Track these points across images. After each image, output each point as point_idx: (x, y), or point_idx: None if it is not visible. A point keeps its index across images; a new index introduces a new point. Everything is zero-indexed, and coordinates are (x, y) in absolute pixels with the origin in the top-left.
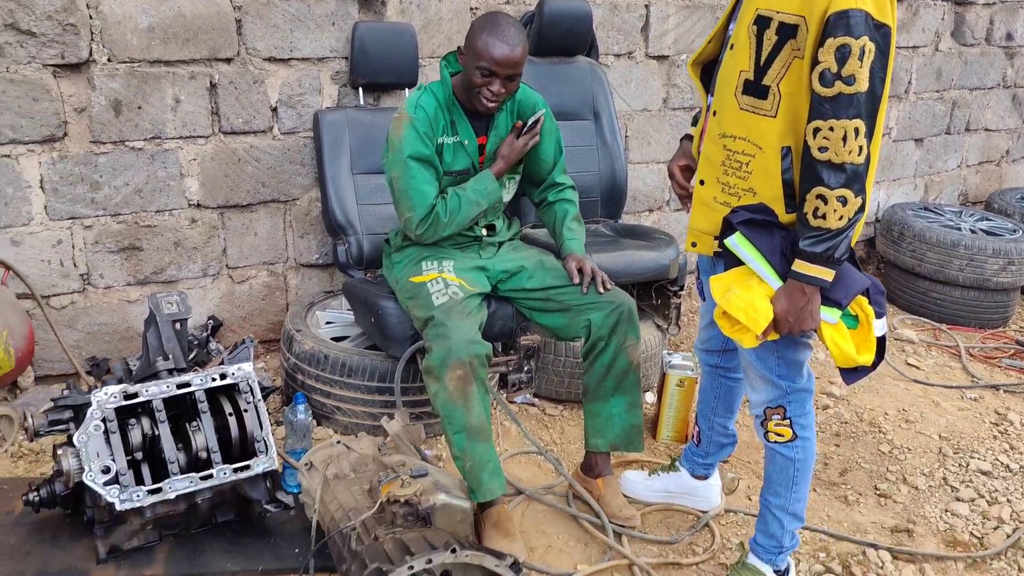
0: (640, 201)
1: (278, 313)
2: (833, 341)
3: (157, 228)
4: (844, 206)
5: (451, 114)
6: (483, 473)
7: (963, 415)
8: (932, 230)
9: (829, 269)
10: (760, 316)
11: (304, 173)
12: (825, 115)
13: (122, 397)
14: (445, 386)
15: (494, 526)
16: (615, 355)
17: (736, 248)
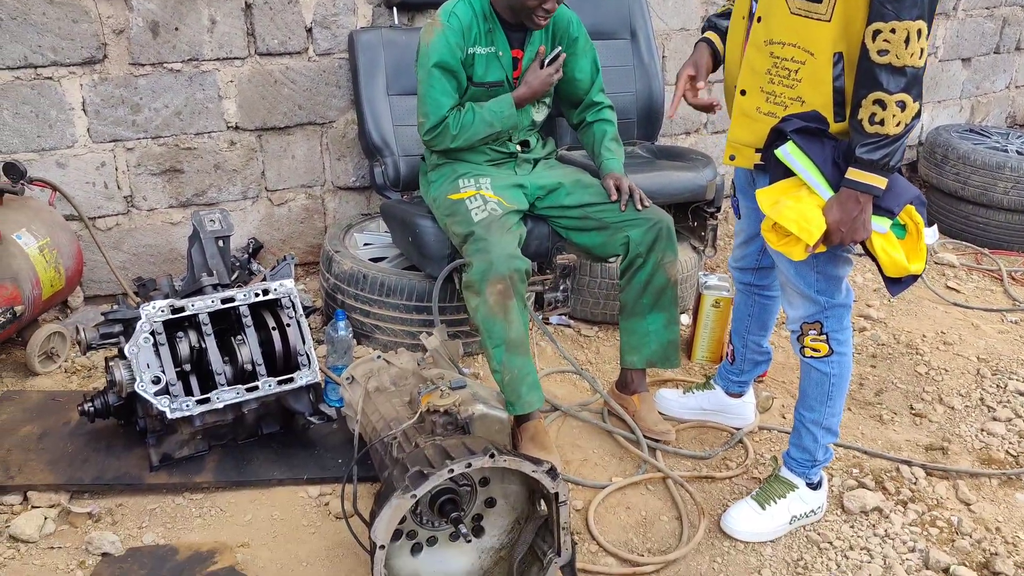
0: (677, 124)
1: (316, 236)
2: (884, 250)
3: (197, 151)
4: (903, 111)
5: (488, 24)
6: (522, 386)
7: (1003, 337)
8: (977, 152)
9: (883, 177)
10: (813, 227)
11: (340, 95)
12: (887, 16)
13: (169, 311)
14: (486, 300)
15: (531, 439)
16: (653, 271)
17: (788, 158)
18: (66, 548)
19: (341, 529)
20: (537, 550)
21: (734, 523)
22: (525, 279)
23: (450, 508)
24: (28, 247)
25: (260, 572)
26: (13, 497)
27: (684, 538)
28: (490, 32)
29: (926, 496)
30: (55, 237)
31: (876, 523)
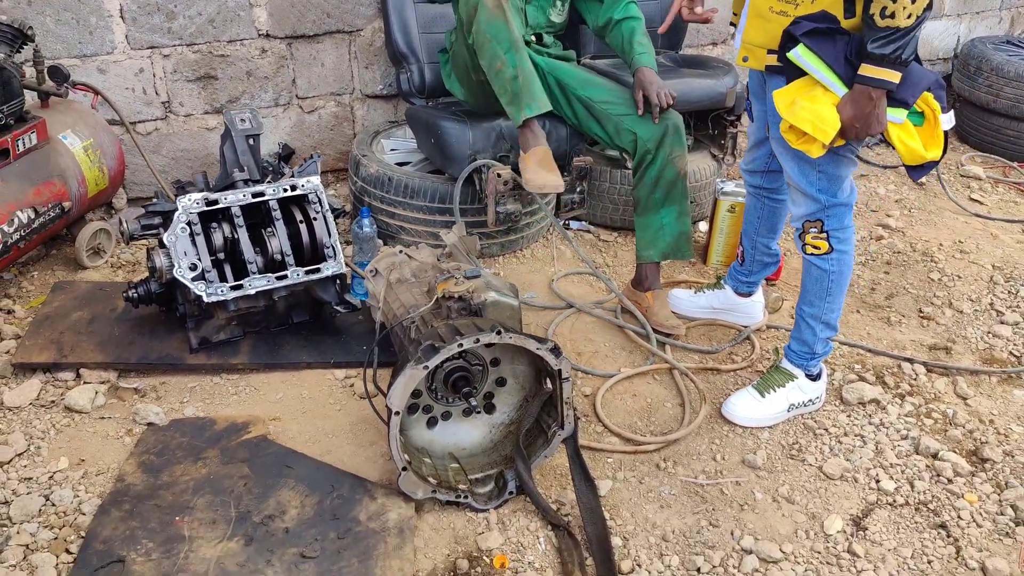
0: (704, 34)
1: (346, 143)
2: (901, 140)
3: (230, 58)
4: (913, 3)
5: None
6: (532, 87)
7: (1021, 247)
8: (1011, 63)
9: (896, 71)
10: (828, 125)
11: (367, 3)
12: None
13: (204, 203)
14: (484, 5)
15: (538, 163)
16: (663, 166)
17: (800, 60)
18: (115, 418)
19: (364, 407)
20: (543, 423)
21: (734, 409)
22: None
23: (463, 384)
24: (73, 147)
25: (290, 441)
26: (67, 373)
27: (685, 421)
28: None
29: (924, 391)
30: (98, 138)
31: (872, 413)
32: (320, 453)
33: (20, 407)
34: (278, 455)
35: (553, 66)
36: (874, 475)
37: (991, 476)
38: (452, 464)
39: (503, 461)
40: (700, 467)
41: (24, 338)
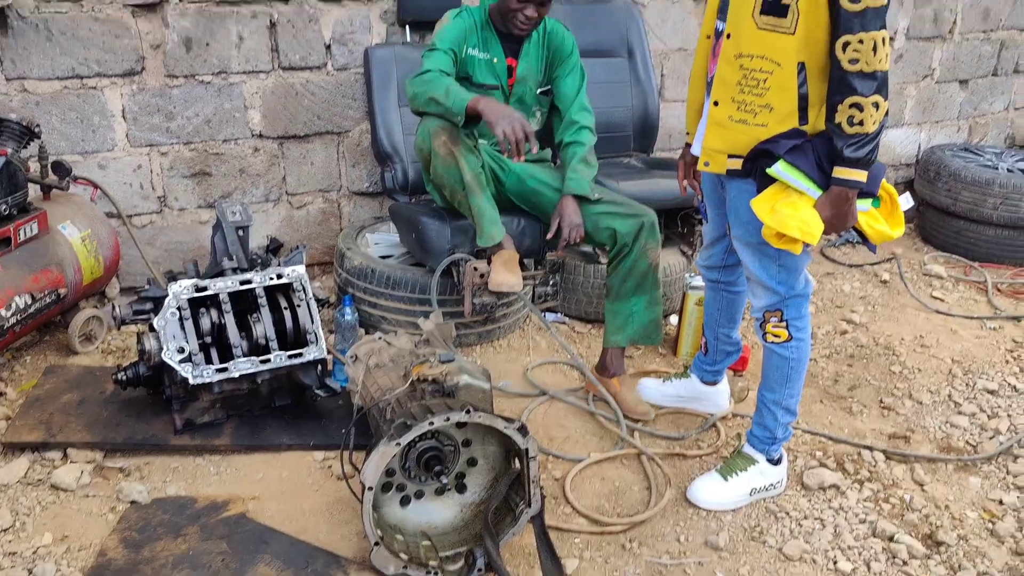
0: (676, 138)
1: (332, 237)
2: (869, 225)
3: (224, 156)
4: (877, 111)
5: (485, 32)
6: (483, 221)
7: (979, 342)
8: (968, 169)
9: (865, 170)
10: (813, 228)
11: (355, 107)
12: (854, 29)
13: (194, 289)
14: (436, 152)
15: (503, 264)
16: (637, 258)
17: (781, 175)
18: (100, 496)
19: (341, 488)
20: (511, 502)
21: (698, 492)
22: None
23: (435, 464)
24: (71, 237)
25: (268, 520)
26: (54, 453)
27: (652, 503)
28: (486, 40)
29: (883, 477)
30: (95, 229)
31: (832, 498)
32: (297, 531)
33: (7, 484)
34: (255, 532)
35: (529, 171)
36: (832, 556)
37: (945, 559)
38: (424, 541)
39: (473, 539)
40: (664, 548)
41: (14, 419)
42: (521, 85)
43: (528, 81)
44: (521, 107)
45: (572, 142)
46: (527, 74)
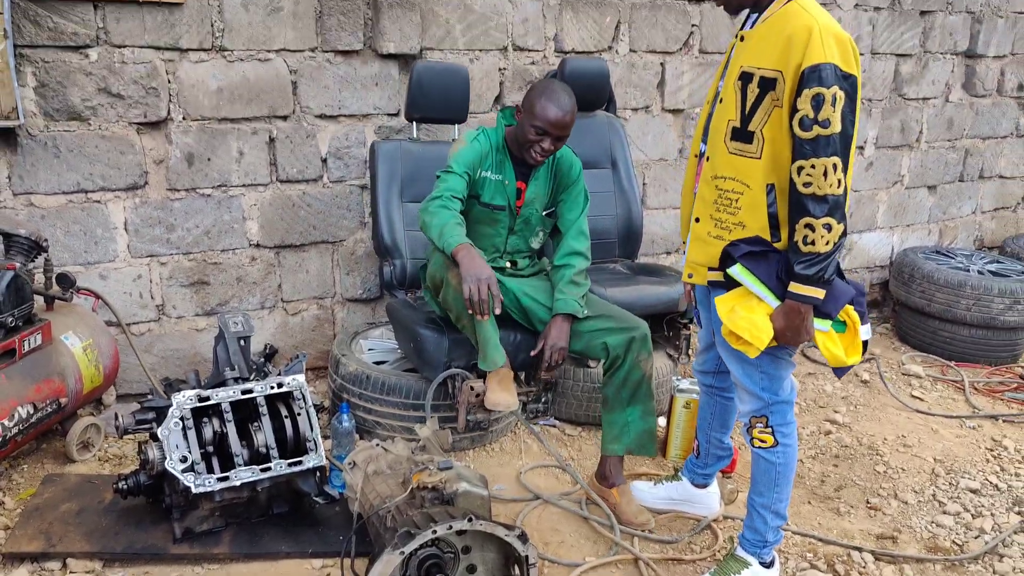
0: (658, 244)
1: (326, 343)
2: (825, 347)
3: (222, 265)
4: (829, 232)
5: (500, 155)
6: (488, 347)
7: (959, 441)
8: (940, 271)
9: (820, 288)
10: (763, 333)
11: (350, 217)
12: (807, 155)
13: (197, 400)
14: (449, 282)
15: (498, 383)
16: (631, 369)
17: (738, 276)
18: None
19: None
20: None
21: None
22: None
23: (435, 571)
24: (73, 347)
25: None
26: (54, 563)
27: None
28: (501, 163)
29: None
30: (97, 339)
31: None
32: None
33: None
34: None
35: (525, 288)
36: None
37: None
38: None
39: None
40: None
41: (14, 528)
42: (528, 207)
43: (535, 204)
44: (526, 227)
45: (564, 265)
46: (535, 197)
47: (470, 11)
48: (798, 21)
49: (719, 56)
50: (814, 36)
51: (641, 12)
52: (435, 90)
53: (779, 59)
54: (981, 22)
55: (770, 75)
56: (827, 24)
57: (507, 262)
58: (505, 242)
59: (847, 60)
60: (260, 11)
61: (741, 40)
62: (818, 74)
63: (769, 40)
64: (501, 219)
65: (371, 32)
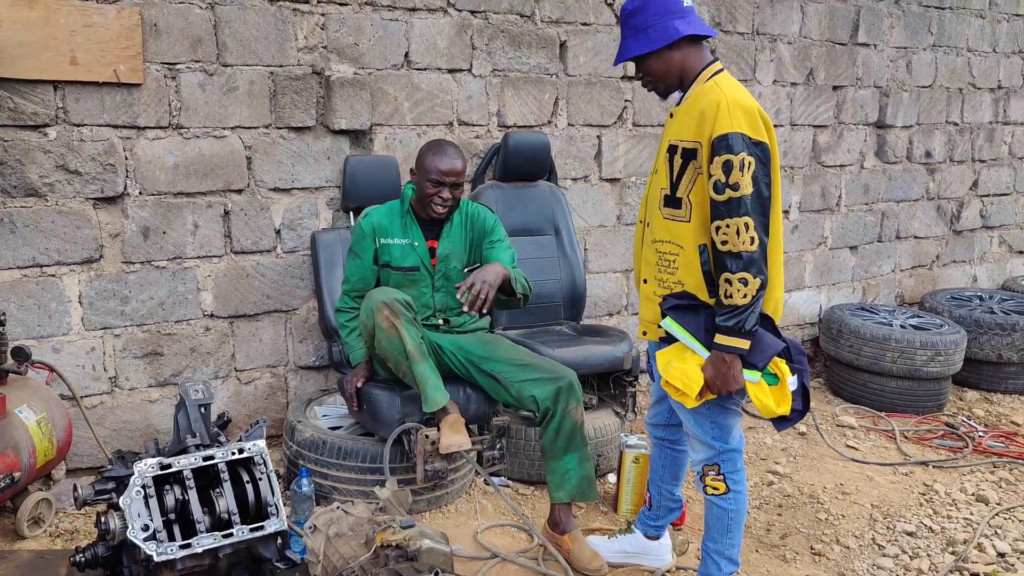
0: (600, 306)
1: (279, 411)
2: (756, 396)
3: (176, 336)
4: (745, 286)
5: (404, 220)
6: (427, 388)
7: (894, 487)
8: (866, 327)
9: (744, 339)
10: (693, 383)
11: (303, 286)
12: (721, 215)
13: (159, 467)
14: (380, 326)
15: (449, 427)
16: (562, 418)
17: (669, 328)
18: None
19: None
20: None
21: None
22: (406, 305)
23: None
24: (27, 420)
25: None
26: None
27: None
28: (407, 227)
29: None
30: (51, 412)
31: None
32: None
33: None
34: None
35: (460, 345)
36: None
37: None
38: None
39: None
40: None
41: None
42: (444, 263)
43: (451, 259)
44: (447, 284)
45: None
46: (450, 252)
47: (417, 89)
48: (710, 96)
49: (652, 128)
50: (722, 109)
51: (577, 89)
52: (367, 181)
53: (696, 131)
54: (888, 95)
55: (690, 146)
56: (735, 97)
57: (439, 320)
58: (432, 299)
59: (755, 128)
60: (216, 91)
61: (671, 116)
62: (726, 142)
63: (690, 115)
64: (419, 279)
65: (323, 109)
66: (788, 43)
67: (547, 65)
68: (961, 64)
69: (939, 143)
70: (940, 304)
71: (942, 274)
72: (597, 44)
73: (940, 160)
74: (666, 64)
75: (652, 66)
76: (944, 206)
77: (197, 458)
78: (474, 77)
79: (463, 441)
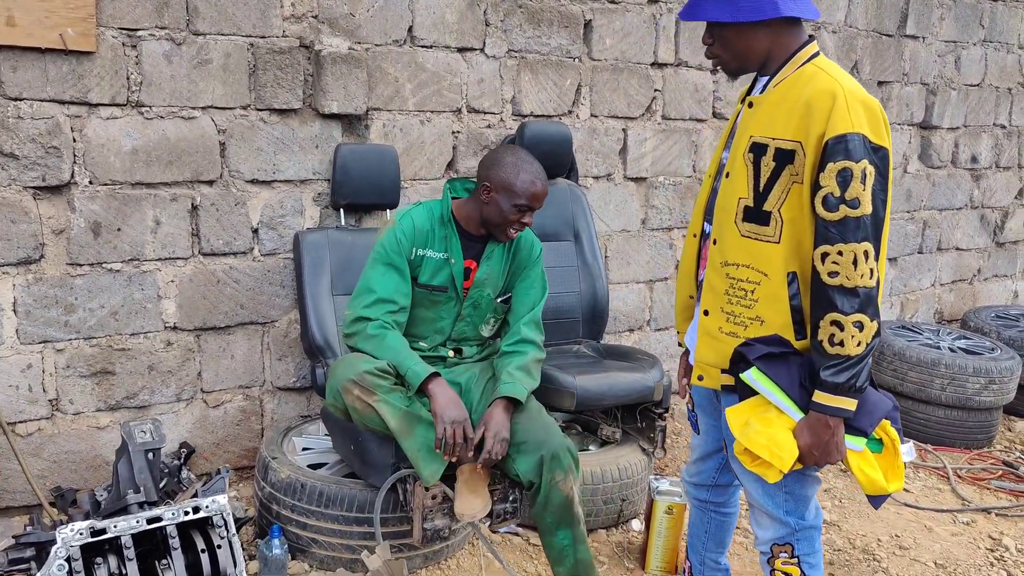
0: (621, 321)
1: (253, 439)
2: (860, 470)
3: (131, 351)
4: (861, 331)
5: (444, 230)
6: (419, 462)
7: (957, 540)
8: (912, 349)
9: (851, 399)
10: (785, 452)
11: (284, 295)
12: (832, 240)
13: (89, 534)
14: (353, 408)
15: (466, 484)
16: (548, 492)
17: (753, 383)
18: None
19: None
20: None
21: None
22: (380, 372)
23: None
24: None
25: None
26: None
27: None
28: (446, 238)
29: None
30: None
31: None
32: None
33: None
34: None
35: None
36: None
37: None
38: None
39: None
40: None
41: None
42: (478, 289)
43: (486, 287)
44: (475, 312)
45: (514, 352)
46: (487, 279)
47: (422, 69)
48: (818, 85)
49: (683, 123)
50: (839, 102)
51: (602, 75)
52: (361, 174)
53: (797, 128)
54: (935, 93)
55: (788, 147)
56: (852, 88)
57: (450, 350)
58: (452, 327)
59: (877, 130)
60: (185, 63)
61: (750, 106)
62: (844, 145)
63: (784, 106)
64: (443, 301)
65: (312, 89)
66: (832, 32)
67: (569, 47)
68: (1012, 62)
69: (986, 147)
70: (985, 323)
71: (983, 289)
72: (626, 25)
73: (986, 165)
74: (749, 41)
75: (731, 40)
76: (988, 215)
77: (140, 520)
78: (487, 58)
79: (482, 506)
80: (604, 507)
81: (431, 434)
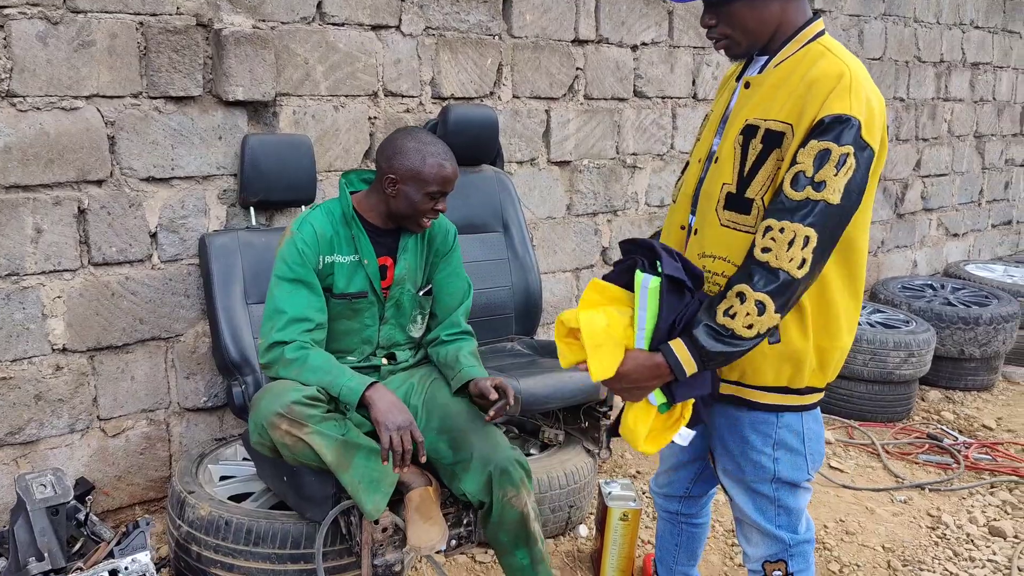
0: (549, 312)
1: (160, 467)
2: (633, 418)
3: (13, 380)
4: (759, 315)
5: (350, 230)
6: (359, 496)
7: (899, 521)
8: None
9: (697, 366)
10: (605, 363)
11: (189, 305)
12: (780, 215)
13: None
14: (283, 443)
15: (418, 511)
16: (500, 510)
17: (642, 292)
18: None
19: None
20: None
21: None
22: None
23: None
24: None
25: None
26: None
27: None
28: (353, 239)
29: None
30: None
31: None
32: None
33: None
34: None
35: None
36: None
37: None
38: None
39: None
40: None
41: None
42: (398, 288)
43: (406, 282)
44: (399, 313)
45: (455, 339)
46: (405, 274)
47: (333, 50)
48: (824, 65)
49: (605, 103)
50: (843, 83)
51: (524, 53)
52: (273, 167)
53: (793, 108)
54: None
55: (778, 128)
56: (861, 75)
57: (383, 358)
58: (378, 334)
59: (871, 125)
60: (64, 46)
61: (747, 87)
62: (835, 126)
63: (784, 88)
64: (364, 308)
65: (212, 74)
66: None
67: (489, 23)
68: (908, 35)
69: (888, 120)
70: (895, 295)
71: (886, 260)
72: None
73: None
74: (761, 15)
75: (741, 15)
76: (890, 188)
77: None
78: (403, 36)
79: (440, 534)
80: (552, 516)
81: (372, 462)
